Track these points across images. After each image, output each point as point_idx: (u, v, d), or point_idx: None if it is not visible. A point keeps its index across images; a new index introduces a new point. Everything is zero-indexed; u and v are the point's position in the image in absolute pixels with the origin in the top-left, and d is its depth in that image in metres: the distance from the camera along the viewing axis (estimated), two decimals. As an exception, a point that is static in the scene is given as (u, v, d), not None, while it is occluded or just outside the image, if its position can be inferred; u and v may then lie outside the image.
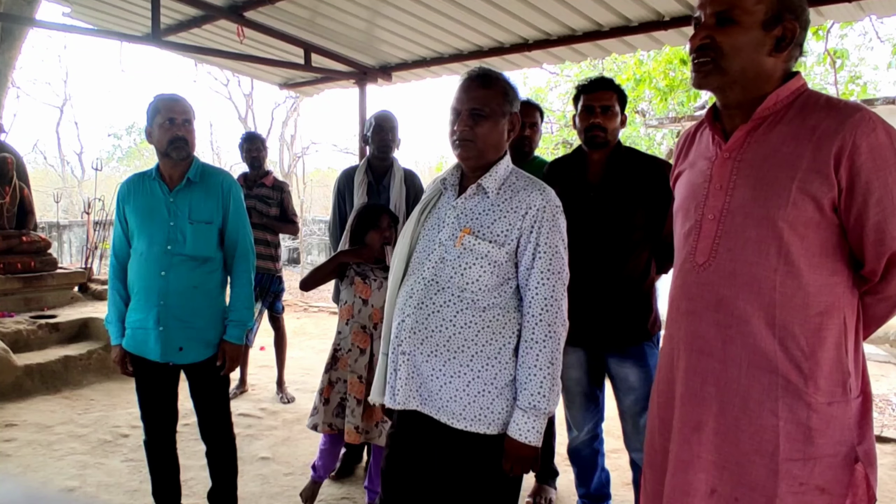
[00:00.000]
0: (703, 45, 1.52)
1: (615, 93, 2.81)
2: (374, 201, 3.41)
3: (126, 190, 2.77)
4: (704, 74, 1.53)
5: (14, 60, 8.20)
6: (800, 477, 1.47)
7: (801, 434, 1.47)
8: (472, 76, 1.92)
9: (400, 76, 6.39)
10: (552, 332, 1.83)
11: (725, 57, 1.49)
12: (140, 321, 2.71)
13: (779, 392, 1.48)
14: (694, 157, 1.71)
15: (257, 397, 5.23)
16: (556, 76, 13.27)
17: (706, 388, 1.58)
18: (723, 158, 1.58)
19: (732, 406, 1.54)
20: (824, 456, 1.47)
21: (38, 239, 6.54)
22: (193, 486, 3.42)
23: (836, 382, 1.48)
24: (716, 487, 1.56)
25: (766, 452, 1.50)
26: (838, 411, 1.48)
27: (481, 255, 1.85)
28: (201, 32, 5.80)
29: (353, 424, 2.92)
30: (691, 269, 1.63)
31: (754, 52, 1.49)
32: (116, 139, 31.44)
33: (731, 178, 1.55)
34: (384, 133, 3.56)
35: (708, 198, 1.60)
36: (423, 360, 1.90)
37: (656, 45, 4.98)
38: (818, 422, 1.47)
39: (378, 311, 2.95)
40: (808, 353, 1.47)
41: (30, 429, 4.37)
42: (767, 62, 1.51)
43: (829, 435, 1.47)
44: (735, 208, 1.54)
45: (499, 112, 1.89)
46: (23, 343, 5.44)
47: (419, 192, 3.67)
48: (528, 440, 1.82)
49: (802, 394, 1.47)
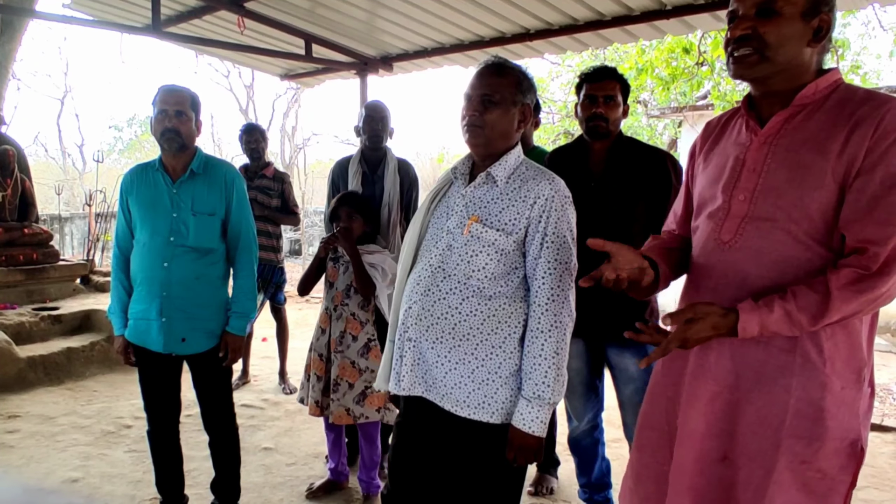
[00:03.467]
0: (745, 36, 1.54)
1: (618, 82, 2.80)
2: (350, 191, 3.42)
3: (129, 180, 2.77)
4: (748, 65, 1.56)
5: (14, 52, 8.19)
6: (802, 455, 1.50)
7: (812, 413, 1.50)
8: (488, 64, 1.92)
9: (401, 66, 6.38)
10: (558, 322, 1.84)
11: (770, 47, 1.52)
12: (142, 312, 2.71)
13: (795, 369, 1.52)
14: (724, 145, 1.74)
15: (260, 388, 5.25)
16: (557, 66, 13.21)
17: (721, 362, 1.61)
18: (759, 143, 1.61)
19: (746, 380, 1.58)
20: (831, 440, 1.49)
21: (39, 231, 6.55)
22: (197, 477, 3.43)
23: (853, 369, 1.52)
24: (727, 454, 1.61)
25: (770, 425, 1.54)
26: (850, 397, 1.51)
27: (488, 243, 1.86)
28: (201, 23, 5.79)
29: (313, 399, 3.17)
30: (715, 248, 1.66)
31: (798, 41, 1.53)
32: (118, 131, 31.39)
33: (766, 161, 1.58)
34: (375, 123, 3.56)
35: (740, 180, 1.63)
36: (429, 346, 1.91)
37: (658, 34, 4.97)
38: (831, 404, 1.49)
39: (340, 293, 3.20)
40: (830, 334, 1.51)
41: (33, 420, 4.38)
42: (806, 52, 1.54)
43: (838, 419, 1.50)
44: (768, 189, 1.57)
45: (509, 100, 1.88)
46: (25, 335, 5.46)
47: (413, 182, 3.67)
48: (531, 430, 1.83)
49: (819, 373, 1.50)
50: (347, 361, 3.11)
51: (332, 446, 3.38)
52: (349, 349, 3.12)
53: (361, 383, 3.08)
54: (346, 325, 3.15)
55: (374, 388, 2.17)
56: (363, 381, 3.09)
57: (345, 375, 3.09)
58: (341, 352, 3.12)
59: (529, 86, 1.94)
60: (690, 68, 8.95)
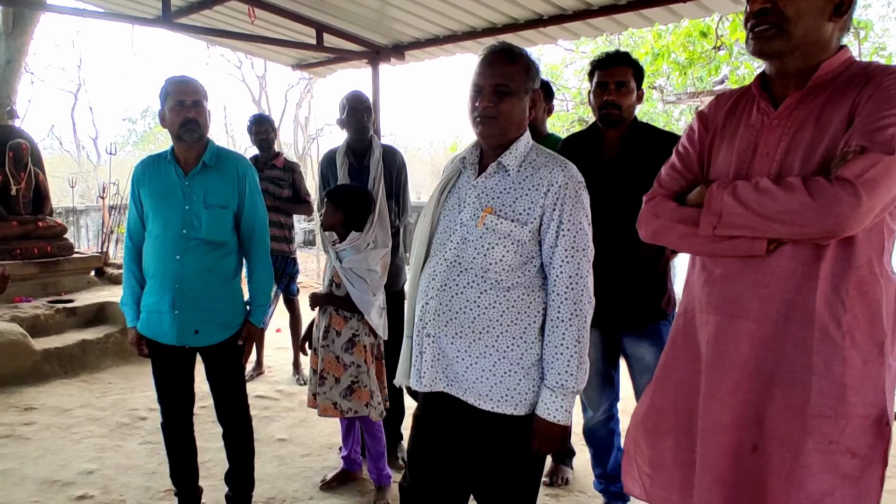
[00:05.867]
0: (764, 10, 1.52)
1: (631, 68, 2.74)
2: (336, 186, 3.38)
3: (141, 172, 2.76)
4: (767, 39, 1.53)
5: (27, 46, 8.22)
6: (829, 435, 1.47)
7: (835, 390, 1.47)
8: (496, 50, 1.86)
9: (413, 55, 6.32)
10: (578, 309, 1.81)
11: (789, 21, 1.50)
12: (155, 304, 2.71)
13: (814, 346, 1.49)
14: (735, 127, 1.70)
15: (274, 379, 5.26)
16: (571, 53, 13.09)
17: (740, 350, 1.58)
18: (771, 126, 1.58)
19: (767, 363, 1.55)
20: (856, 416, 1.46)
21: (54, 224, 6.59)
22: (211, 468, 3.44)
23: (874, 342, 1.49)
24: (757, 444, 1.57)
25: (795, 407, 1.50)
26: (873, 371, 1.48)
27: (504, 234, 1.82)
28: (212, 14, 5.76)
29: (311, 391, 3.21)
30: None
31: (817, 15, 1.51)
32: (132, 123, 31.57)
33: (779, 143, 1.56)
34: (359, 114, 3.49)
35: (753, 164, 1.60)
36: (448, 341, 1.88)
37: (675, 17, 4.87)
38: (853, 379, 1.46)
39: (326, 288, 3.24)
40: (849, 306, 1.48)
41: (49, 412, 4.41)
42: (827, 28, 1.52)
43: (862, 394, 1.47)
44: (784, 172, 1.53)
45: (522, 88, 1.84)
46: (41, 328, 5.50)
47: (402, 167, 3.62)
48: (556, 419, 1.81)
49: (839, 347, 1.47)
50: (332, 356, 3.11)
51: (345, 433, 3.40)
52: (333, 344, 3.11)
53: (347, 378, 3.07)
54: (330, 320, 3.14)
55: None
56: (349, 375, 3.07)
57: (330, 369, 3.10)
58: (326, 346, 3.13)
59: (537, 70, 1.90)
60: (708, 52, 8.83)
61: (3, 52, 7.94)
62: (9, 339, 4.96)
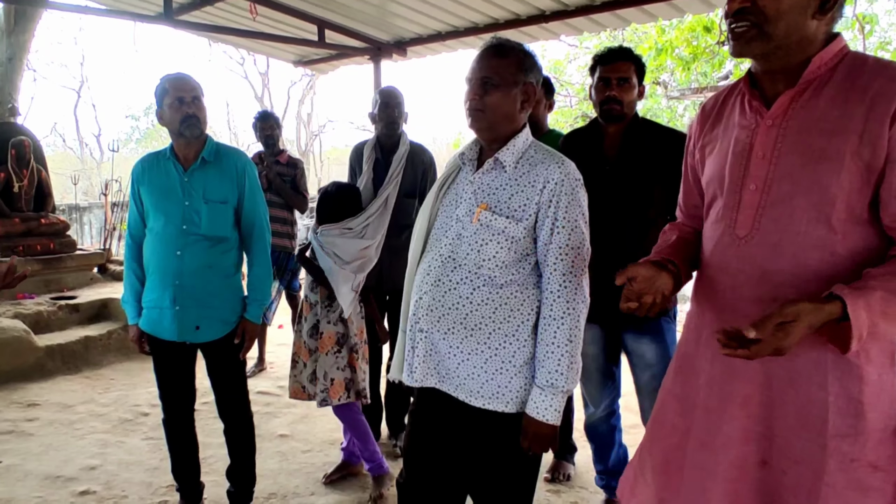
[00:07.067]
0: (742, 9, 1.44)
1: (633, 63, 2.73)
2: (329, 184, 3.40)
3: (140, 169, 2.76)
4: (746, 41, 1.45)
5: (29, 43, 8.23)
6: (850, 453, 1.42)
7: (853, 409, 1.42)
8: (488, 46, 1.87)
9: (415, 51, 6.33)
10: (571, 308, 1.79)
11: (769, 20, 1.41)
12: (156, 300, 2.71)
13: (828, 366, 1.43)
14: (726, 127, 1.64)
15: (275, 375, 5.25)
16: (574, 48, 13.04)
17: (749, 364, 1.50)
18: (766, 126, 1.51)
19: (779, 379, 1.49)
20: (874, 431, 1.42)
21: (56, 221, 6.60)
22: (213, 464, 3.44)
23: (885, 353, 1.44)
24: (767, 459, 1.52)
25: (812, 427, 1.45)
26: (888, 383, 1.43)
27: (498, 231, 1.81)
28: (214, 10, 5.77)
29: (299, 384, 3.22)
30: (731, 243, 1.57)
31: (799, 14, 1.41)
32: (134, 120, 31.54)
33: (776, 146, 1.48)
34: (391, 109, 3.53)
35: (749, 168, 1.53)
36: (440, 337, 1.88)
37: (678, 13, 4.87)
38: (870, 395, 1.41)
39: None
40: None
41: (52, 408, 4.42)
42: (811, 25, 1.43)
43: (879, 408, 1.42)
44: (781, 177, 1.47)
45: (510, 81, 1.82)
46: (44, 324, 5.51)
47: (429, 166, 3.64)
48: (545, 418, 1.79)
49: (854, 366, 1.41)
50: (301, 341, 3.20)
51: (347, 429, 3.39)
52: (303, 329, 3.20)
53: (312, 363, 3.14)
54: (301, 305, 3.27)
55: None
56: (312, 360, 3.14)
57: (300, 354, 3.21)
58: (299, 331, 3.24)
59: (532, 64, 1.88)
60: (712, 48, 8.77)
61: (5, 50, 7.95)
62: (12, 335, 4.97)
